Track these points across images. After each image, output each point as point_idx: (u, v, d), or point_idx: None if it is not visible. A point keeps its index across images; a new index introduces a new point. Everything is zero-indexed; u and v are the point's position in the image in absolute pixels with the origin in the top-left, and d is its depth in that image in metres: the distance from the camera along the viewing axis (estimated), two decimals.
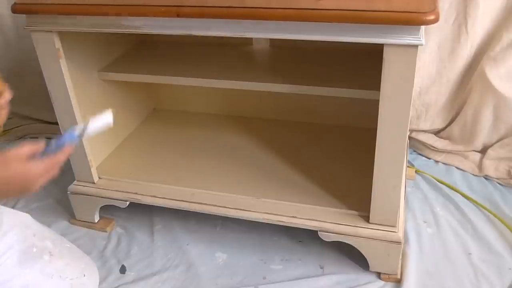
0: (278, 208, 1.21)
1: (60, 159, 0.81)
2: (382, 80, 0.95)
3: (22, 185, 0.77)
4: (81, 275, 1.07)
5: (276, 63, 1.37)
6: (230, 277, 1.23)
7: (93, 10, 1.04)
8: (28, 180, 0.77)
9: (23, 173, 0.77)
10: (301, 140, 1.49)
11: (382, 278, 1.19)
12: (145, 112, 1.69)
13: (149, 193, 1.29)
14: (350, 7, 0.88)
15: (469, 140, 1.56)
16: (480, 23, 1.41)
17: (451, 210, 1.40)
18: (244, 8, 0.94)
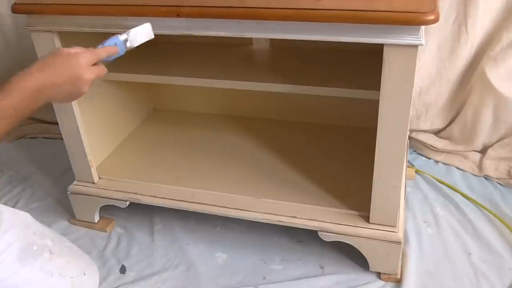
0: (278, 208, 1.21)
1: (102, 54, 0.86)
2: (382, 80, 0.95)
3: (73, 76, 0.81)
4: (81, 274, 1.07)
5: (276, 63, 1.37)
6: (230, 277, 1.23)
7: (93, 10, 1.04)
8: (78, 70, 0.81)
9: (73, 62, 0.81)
10: (301, 140, 1.49)
11: (382, 278, 1.19)
12: (145, 112, 1.69)
13: (149, 193, 1.29)
14: (350, 7, 0.88)
15: (469, 140, 1.56)
16: (480, 23, 1.41)
17: (451, 210, 1.40)
18: (244, 8, 0.94)
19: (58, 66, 0.81)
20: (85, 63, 0.83)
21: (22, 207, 1.48)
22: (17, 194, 1.55)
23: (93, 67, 0.84)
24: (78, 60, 0.82)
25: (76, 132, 1.25)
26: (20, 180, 1.63)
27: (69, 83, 0.82)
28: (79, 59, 0.82)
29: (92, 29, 1.08)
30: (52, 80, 0.80)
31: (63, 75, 0.81)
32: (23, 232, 0.98)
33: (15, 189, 1.58)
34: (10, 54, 1.80)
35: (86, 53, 0.83)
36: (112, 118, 1.46)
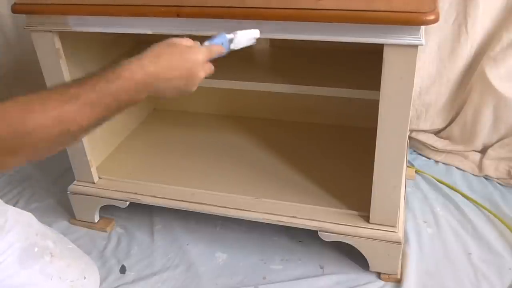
0: (278, 208, 1.21)
1: (215, 53, 0.82)
2: (382, 80, 0.95)
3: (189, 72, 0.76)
4: (81, 277, 1.07)
5: (276, 63, 1.37)
6: (230, 277, 1.23)
7: (93, 10, 1.04)
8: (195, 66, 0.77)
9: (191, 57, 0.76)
10: (301, 140, 1.49)
11: (382, 278, 1.19)
12: (145, 112, 1.69)
13: (149, 193, 1.29)
14: (350, 7, 0.88)
15: (469, 140, 1.56)
16: (480, 23, 1.41)
17: (451, 210, 1.40)
18: (244, 8, 0.94)
19: (176, 60, 0.75)
20: (202, 60, 0.78)
21: (22, 207, 1.48)
22: (17, 194, 1.55)
23: (207, 65, 0.80)
24: (196, 56, 0.77)
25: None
26: (20, 180, 1.62)
27: (182, 79, 0.76)
28: (198, 55, 0.77)
29: (92, 29, 1.08)
30: (165, 74, 0.74)
31: (178, 70, 0.75)
32: (25, 232, 0.97)
33: (15, 189, 1.58)
34: (10, 54, 1.80)
35: (203, 50, 0.79)
36: None
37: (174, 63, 0.75)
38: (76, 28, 1.08)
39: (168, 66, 0.74)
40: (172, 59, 0.75)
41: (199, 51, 0.78)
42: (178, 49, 0.76)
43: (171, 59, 0.74)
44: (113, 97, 0.70)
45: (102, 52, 1.37)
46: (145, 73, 0.72)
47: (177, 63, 0.75)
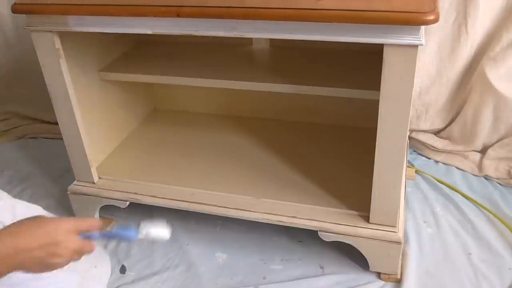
0: (278, 208, 1.21)
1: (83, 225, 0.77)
2: (382, 80, 0.95)
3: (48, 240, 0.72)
4: (92, 267, 1.09)
5: (276, 63, 1.37)
6: (230, 277, 1.23)
7: (93, 10, 1.04)
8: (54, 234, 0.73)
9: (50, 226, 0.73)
10: (301, 140, 1.49)
11: (382, 278, 1.19)
12: (145, 112, 1.69)
13: (149, 193, 1.29)
14: (350, 7, 0.88)
15: (469, 140, 1.56)
16: (480, 23, 1.41)
17: (451, 210, 1.40)
18: (244, 8, 0.94)
19: (34, 229, 0.72)
20: (66, 228, 0.74)
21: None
22: (17, 194, 1.55)
23: (75, 237, 0.75)
24: (58, 223, 0.74)
25: (76, 132, 1.25)
26: (20, 180, 1.62)
27: (43, 249, 0.72)
28: (61, 222, 0.74)
29: (92, 29, 1.08)
30: (24, 245, 0.70)
31: (37, 239, 0.71)
32: None
33: (15, 189, 1.58)
34: (10, 54, 1.80)
35: (68, 220, 0.76)
36: (112, 118, 1.46)
37: (33, 233, 0.72)
38: (76, 28, 1.08)
39: (27, 236, 0.71)
40: (31, 229, 0.72)
41: (63, 220, 0.75)
42: (38, 221, 0.74)
43: (30, 229, 0.72)
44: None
45: (102, 52, 1.37)
46: (4, 245, 0.70)
47: (35, 231, 0.72)
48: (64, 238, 0.73)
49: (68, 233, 0.74)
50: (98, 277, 1.09)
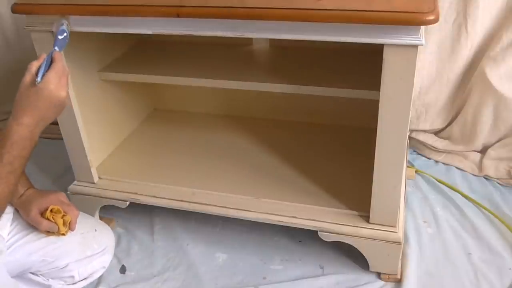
0: (278, 208, 1.21)
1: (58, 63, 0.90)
2: (382, 80, 0.95)
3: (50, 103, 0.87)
4: (92, 230, 1.13)
5: (276, 63, 1.37)
6: (230, 277, 1.23)
7: (93, 10, 1.04)
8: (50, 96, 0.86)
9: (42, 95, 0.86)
10: (301, 140, 1.49)
11: (382, 278, 1.19)
12: (145, 112, 1.69)
13: (149, 193, 1.29)
14: (350, 7, 0.88)
15: (469, 140, 1.56)
16: (480, 23, 1.41)
17: (451, 210, 1.40)
18: (244, 8, 0.94)
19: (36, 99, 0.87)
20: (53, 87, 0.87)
21: None
22: None
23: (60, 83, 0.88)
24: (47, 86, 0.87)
25: (76, 132, 1.25)
26: None
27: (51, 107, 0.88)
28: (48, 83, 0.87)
29: (92, 29, 1.08)
30: (39, 114, 0.87)
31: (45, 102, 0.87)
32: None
33: None
34: (10, 54, 1.80)
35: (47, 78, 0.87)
36: (112, 118, 1.46)
37: (41, 106, 0.87)
38: (76, 28, 1.08)
39: (38, 112, 0.87)
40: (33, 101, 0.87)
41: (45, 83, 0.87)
42: (34, 94, 0.87)
43: (36, 106, 0.87)
44: (19, 158, 0.85)
45: (102, 52, 1.37)
46: (27, 126, 0.86)
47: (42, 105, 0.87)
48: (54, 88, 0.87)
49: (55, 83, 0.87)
50: (98, 239, 1.12)
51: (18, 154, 0.85)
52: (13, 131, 0.85)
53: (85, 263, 1.09)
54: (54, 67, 0.89)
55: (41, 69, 0.88)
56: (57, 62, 0.90)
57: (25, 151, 0.86)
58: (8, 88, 1.85)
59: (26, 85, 0.87)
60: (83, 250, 1.09)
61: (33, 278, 1.07)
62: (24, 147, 0.86)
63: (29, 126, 0.86)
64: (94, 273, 1.13)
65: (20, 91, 0.88)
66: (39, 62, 0.90)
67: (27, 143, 0.86)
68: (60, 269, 1.06)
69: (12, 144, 0.84)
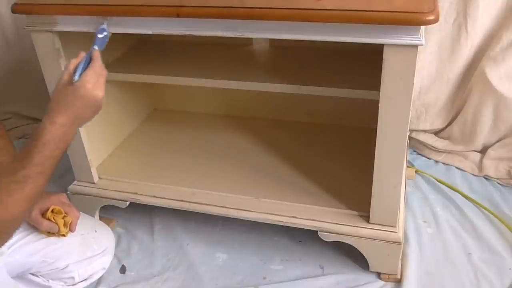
0: (278, 208, 1.21)
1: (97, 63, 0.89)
2: (382, 80, 0.95)
3: (87, 103, 0.85)
4: (92, 231, 1.13)
5: (276, 63, 1.37)
6: (230, 277, 1.23)
7: (93, 10, 1.04)
8: (87, 95, 0.85)
9: (79, 94, 0.84)
10: (301, 140, 1.49)
11: (382, 278, 1.19)
12: (145, 112, 1.69)
13: (149, 193, 1.29)
14: (350, 7, 0.88)
15: (469, 140, 1.56)
16: (480, 23, 1.41)
17: (451, 210, 1.40)
18: (244, 8, 0.94)
19: (73, 99, 0.84)
20: (91, 86, 0.85)
21: None
22: None
23: (97, 82, 0.87)
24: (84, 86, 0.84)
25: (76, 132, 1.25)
26: None
27: (89, 107, 0.86)
28: (85, 83, 0.84)
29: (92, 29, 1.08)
30: (76, 114, 0.84)
31: (81, 101, 0.85)
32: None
33: None
34: (10, 54, 1.80)
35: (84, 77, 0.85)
36: (112, 118, 1.46)
37: (77, 105, 0.84)
38: (76, 28, 1.08)
39: (74, 111, 0.84)
40: (71, 100, 0.84)
41: (83, 82, 0.84)
42: (71, 93, 0.84)
43: (72, 105, 0.84)
44: (50, 158, 0.82)
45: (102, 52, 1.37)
46: (61, 126, 0.83)
47: (78, 104, 0.84)
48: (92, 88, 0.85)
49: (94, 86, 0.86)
50: (98, 240, 1.12)
51: (50, 155, 0.82)
52: (46, 131, 0.82)
53: (85, 264, 1.09)
54: (93, 66, 0.87)
55: (79, 68, 0.86)
56: (96, 61, 0.88)
57: (57, 151, 0.83)
58: (8, 88, 1.86)
59: (64, 84, 0.85)
60: (83, 251, 1.09)
61: (33, 279, 1.06)
62: (56, 147, 0.82)
63: (63, 126, 0.83)
64: (94, 274, 1.13)
65: (57, 89, 0.85)
66: (77, 60, 0.88)
67: (60, 144, 0.83)
68: (60, 270, 1.06)
69: (44, 144, 0.81)
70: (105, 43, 0.97)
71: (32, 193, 0.81)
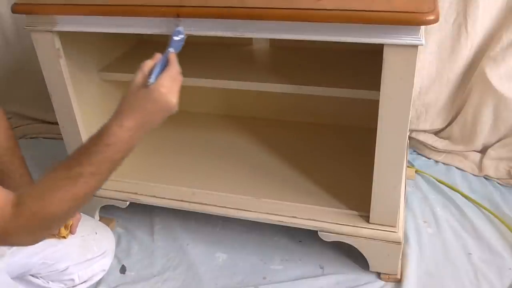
0: (278, 208, 1.21)
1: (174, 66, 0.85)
2: (382, 80, 0.95)
3: (159, 107, 0.81)
4: (92, 232, 1.13)
5: (276, 63, 1.37)
6: (230, 277, 1.23)
7: (93, 10, 1.04)
8: (161, 100, 0.80)
9: (152, 98, 0.79)
10: (301, 140, 1.49)
11: (382, 278, 1.19)
12: None
13: (149, 193, 1.29)
14: (350, 7, 0.88)
15: (469, 140, 1.56)
16: (480, 23, 1.41)
17: (451, 210, 1.40)
18: (244, 8, 0.94)
19: (145, 103, 0.80)
20: (165, 91, 0.81)
21: None
22: None
23: (172, 87, 0.84)
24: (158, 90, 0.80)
25: (76, 132, 1.25)
26: None
27: (160, 112, 0.83)
28: (159, 87, 0.80)
29: (92, 29, 1.08)
30: (145, 119, 0.80)
31: (154, 106, 0.81)
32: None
33: None
34: (10, 54, 1.80)
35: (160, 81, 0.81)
36: None
37: (149, 110, 0.80)
38: (76, 28, 1.08)
39: (144, 115, 0.79)
40: (142, 103, 0.79)
41: (158, 86, 0.80)
42: (144, 96, 0.79)
43: (144, 108, 0.79)
44: (110, 161, 0.78)
45: (102, 52, 1.37)
46: (128, 130, 0.78)
47: (150, 109, 0.80)
48: (167, 95, 0.81)
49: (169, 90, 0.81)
50: (99, 242, 1.12)
51: (110, 158, 0.77)
52: (111, 132, 0.77)
53: (85, 266, 1.08)
54: (170, 69, 0.83)
55: (155, 70, 0.82)
56: (173, 65, 0.84)
57: (118, 156, 0.79)
58: (8, 88, 1.86)
59: (137, 85, 0.80)
60: (83, 253, 1.08)
61: (33, 281, 1.06)
62: (118, 150, 0.78)
63: (130, 129, 0.78)
64: (94, 276, 1.13)
65: (130, 91, 0.81)
66: (153, 61, 0.84)
67: (123, 148, 0.79)
68: (60, 272, 1.06)
69: (107, 145, 0.76)
70: (181, 46, 0.93)
71: (81, 194, 0.76)
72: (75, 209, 0.79)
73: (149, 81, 0.80)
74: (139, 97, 0.79)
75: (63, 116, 1.24)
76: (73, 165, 0.76)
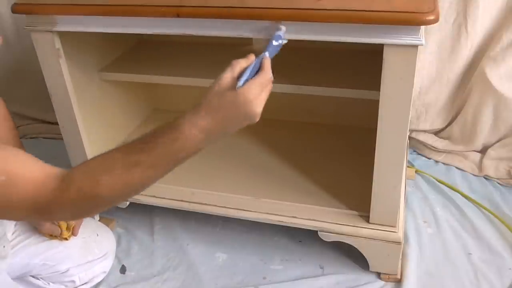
0: (278, 208, 1.21)
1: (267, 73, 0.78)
2: (382, 80, 0.95)
3: (241, 115, 0.73)
4: (93, 234, 1.13)
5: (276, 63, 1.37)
6: (230, 277, 1.23)
7: (93, 10, 1.04)
8: (245, 107, 0.73)
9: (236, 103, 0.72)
10: (301, 140, 1.49)
11: (382, 278, 1.19)
12: (145, 112, 1.68)
13: (149, 193, 1.29)
14: (350, 7, 0.88)
15: (469, 140, 1.56)
16: (480, 23, 1.41)
17: (451, 210, 1.40)
18: (244, 8, 0.94)
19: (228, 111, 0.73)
20: (253, 96, 0.73)
21: None
22: None
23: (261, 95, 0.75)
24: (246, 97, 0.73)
25: (76, 132, 1.25)
26: None
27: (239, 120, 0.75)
28: (247, 93, 0.73)
29: (92, 29, 1.08)
30: (220, 125, 0.73)
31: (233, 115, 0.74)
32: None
33: None
34: (10, 54, 1.80)
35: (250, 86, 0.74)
36: (112, 118, 1.46)
37: (229, 114, 0.73)
38: (76, 28, 1.08)
39: (222, 119, 0.73)
40: (225, 105, 0.73)
41: (246, 91, 0.73)
42: (229, 99, 0.73)
43: (225, 112, 0.73)
44: (172, 157, 0.73)
45: (102, 52, 1.37)
46: (201, 130, 0.72)
47: (231, 114, 0.73)
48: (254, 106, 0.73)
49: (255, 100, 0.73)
50: (100, 244, 1.12)
51: (172, 153, 0.72)
52: (182, 128, 0.72)
53: (86, 268, 1.09)
54: (262, 75, 0.76)
55: (245, 73, 0.76)
56: (265, 71, 0.78)
57: (182, 154, 0.72)
58: (8, 88, 1.85)
59: (224, 86, 0.74)
60: (84, 255, 1.08)
61: (33, 281, 1.06)
62: (183, 149, 0.72)
63: (203, 131, 0.72)
64: (95, 278, 1.13)
65: (214, 90, 0.75)
66: (246, 63, 0.79)
67: (190, 147, 0.72)
68: (61, 274, 1.06)
69: (173, 140, 0.71)
70: (276, 51, 0.88)
71: (133, 182, 0.71)
72: (123, 198, 0.74)
73: (238, 84, 0.74)
74: (222, 99, 0.73)
75: (63, 116, 1.24)
76: (133, 151, 0.71)
